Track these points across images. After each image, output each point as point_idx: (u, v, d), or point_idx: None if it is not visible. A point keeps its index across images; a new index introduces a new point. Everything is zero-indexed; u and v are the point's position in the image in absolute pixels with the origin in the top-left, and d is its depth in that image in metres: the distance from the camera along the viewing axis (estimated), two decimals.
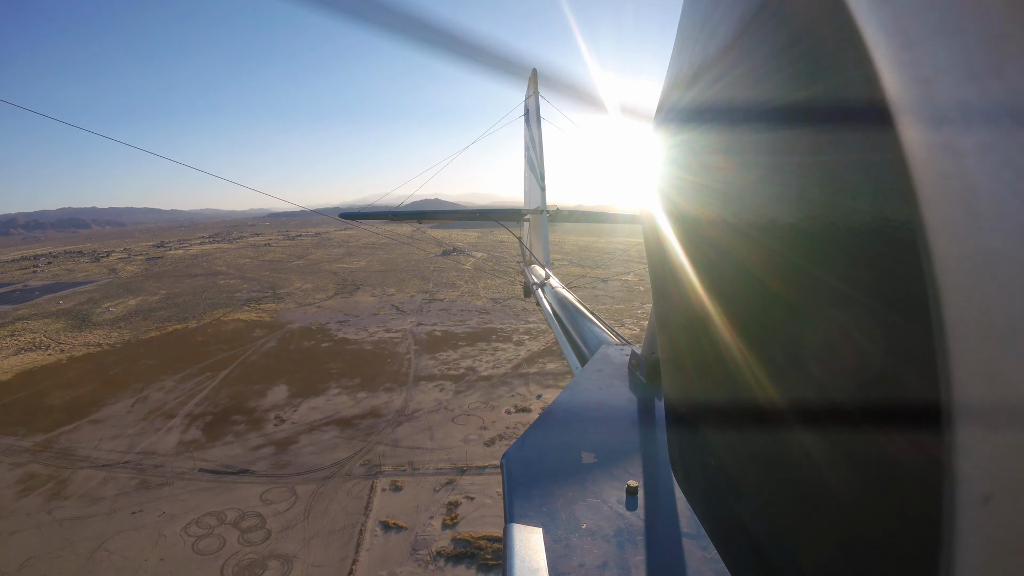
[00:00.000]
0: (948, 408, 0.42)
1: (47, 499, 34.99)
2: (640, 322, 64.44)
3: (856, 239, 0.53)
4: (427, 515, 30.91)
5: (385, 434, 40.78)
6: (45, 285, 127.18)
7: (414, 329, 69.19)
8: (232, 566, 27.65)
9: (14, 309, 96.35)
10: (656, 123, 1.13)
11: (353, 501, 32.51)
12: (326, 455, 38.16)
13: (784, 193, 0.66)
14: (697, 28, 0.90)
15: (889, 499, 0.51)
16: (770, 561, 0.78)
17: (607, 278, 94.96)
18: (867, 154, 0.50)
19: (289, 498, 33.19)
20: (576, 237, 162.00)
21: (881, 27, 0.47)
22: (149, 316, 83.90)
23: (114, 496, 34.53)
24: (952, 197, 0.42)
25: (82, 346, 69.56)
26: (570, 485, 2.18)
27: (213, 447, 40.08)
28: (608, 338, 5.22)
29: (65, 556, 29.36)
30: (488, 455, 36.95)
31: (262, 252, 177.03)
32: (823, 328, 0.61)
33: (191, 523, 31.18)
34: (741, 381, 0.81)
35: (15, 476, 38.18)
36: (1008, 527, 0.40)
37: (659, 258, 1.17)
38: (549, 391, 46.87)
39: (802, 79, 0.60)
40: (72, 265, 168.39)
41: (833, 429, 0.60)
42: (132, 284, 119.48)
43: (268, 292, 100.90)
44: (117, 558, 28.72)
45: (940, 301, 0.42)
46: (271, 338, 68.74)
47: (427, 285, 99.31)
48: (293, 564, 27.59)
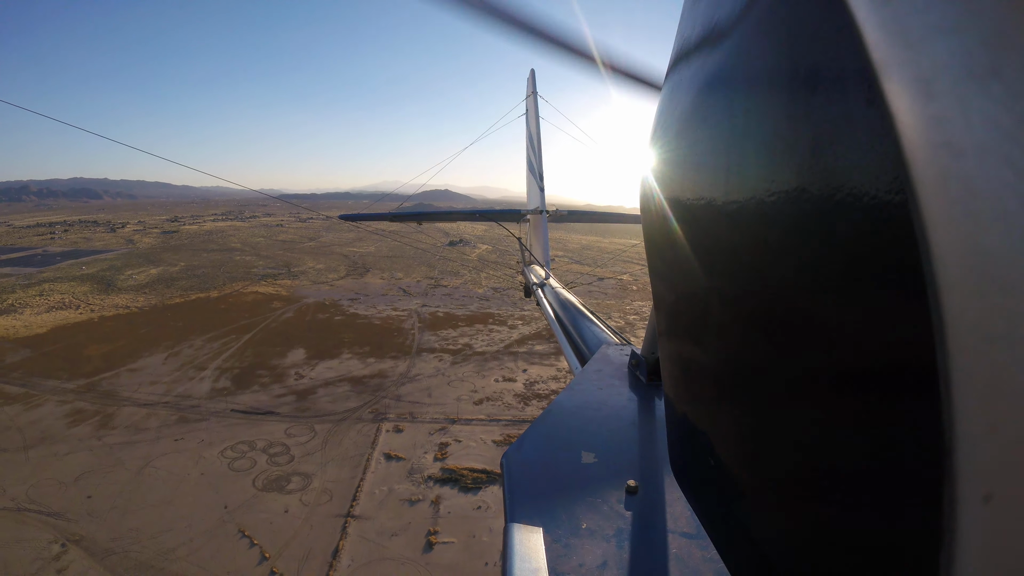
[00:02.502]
0: (948, 408, 0.41)
1: (95, 428, 39.28)
2: (627, 316, 69.51)
3: (856, 239, 0.52)
4: (422, 451, 36.36)
5: (390, 391, 46.16)
6: (65, 251, 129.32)
7: (419, 309, 73.60)
8: (262, 479, 32.96)
9: (38, 272, 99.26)
10: (655, 121, 1.14)
11: (362, 438, 37.90)
12: (340, 404, 43.54)
13: (784, 193, 0.65)
14: (697, 27, 0.91)
15: (889, 499, 0.51)
16: (770, 561, 0.78)
17: (603, 276, 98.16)
18: (867, 154, 0.49)
19: (309, 434, 38.42)
20: (580, 236, 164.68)
21: (881, 27, 0.47)
22: (172, 284, 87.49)
23: (157, 427, 39.24)
24: (952, 197, 0.41)
25: (111, 307, 73.11)
26: (570, 485, 2.18)
27: (242, 394, 45.19)
28: (608, 338, 5.34)
29: (116, 471, 33.69)
30: (476, 411, 42.46)
31: (275, 232, 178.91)
32: (823, 329, 0.60)
33: (226, 448, 36.33)
34: (741, 381, 0.82)
35: (63, 411, 42.33)
36: (1008, 527, 0.40)
37: (658, 258, 1.18)
38: (535, 367, 51.92)
39: (802, 79, 0.60)
40: (89, 234, 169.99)
41: (833, 429, 0.59)
42: (151, 255, 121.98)
43: (283, 269, 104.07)
44: (163, 472, 33.47)
45: (940, 301, 0.42)
46: (288, 309, 72.94)
47: (433, 272, 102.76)
48: (312, 480, 32.97)
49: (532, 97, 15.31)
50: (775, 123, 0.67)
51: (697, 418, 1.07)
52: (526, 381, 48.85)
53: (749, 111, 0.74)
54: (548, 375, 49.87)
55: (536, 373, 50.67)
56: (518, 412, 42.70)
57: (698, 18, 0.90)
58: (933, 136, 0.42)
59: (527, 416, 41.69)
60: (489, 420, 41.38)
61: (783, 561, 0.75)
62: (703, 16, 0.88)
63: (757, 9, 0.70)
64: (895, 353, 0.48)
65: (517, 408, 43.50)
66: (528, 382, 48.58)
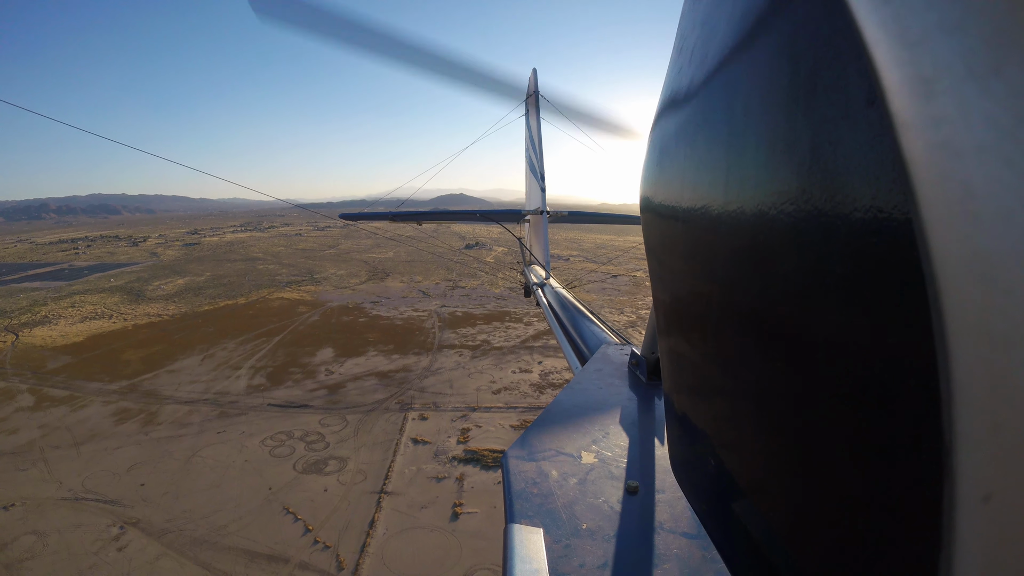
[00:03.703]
0: (948, 408, 0.41)
1: (141, 425, 42.05)
2: (639, 311, 71.82)
3: (856, 239, 0.52)
4: (446, 435, 39.20)
5: (415, 384, 49.22)
6: (91, 265, 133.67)
7: (439, 310, 76.70)
8: (302, 464, 35.85)
9: (68, 285, 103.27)
10: (655, 122, 1.13)
11: (390, 426, 40.82)
12: (368, 396, 46.61)
13: (784, 194, 0.64)
14: (697, 27, 0.90)
15: (889, 499, 0.50)
16: (770, 561, 0.77)
17: (617, 273, 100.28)
18: (867, 154, 0.49)
19: (342, 423, 41.36)
20: (594, 236, 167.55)
21: (881, 27, 0.47)
22: (199, 293, 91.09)
23: (200, 422, 42.08)
24: (952, 197, 0.41)
25: (143, 316, 76.56)
26: (570, 485, 2.16)
27: (276, 390, 48.25)
28: (608, 338, 5.32)
29: (165, 462, 36.50)
30: (495, 400, 45.40)
31: (294, 241, 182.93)
32: (823, 328, 0.59)
33: (266, 438, 39.21)
34: (741, 381, 0.81)
35: (109, 410, 45.10)
36: (1008, 527, 0.40)
37: (658, 258, 1.17)
38: (549, 359, 54.66)
39: (802, 79, 0.59)
40: (112, 248, 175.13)
41: (833, 429, 0.59)
42: (176, 266, 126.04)
43: (306, 276, 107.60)
44: (210, 461, 36.30)
45: (940, 301, 0.41)
46: (314, 313, 76.25)
47: (451, 275, 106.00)
48: (347, 463, 35.87)
49: (533, 97, 15.13)
50: (775, 123, 0.66)
51: (697, 418, 1.06)
52: (541, 372, 51.56)
53: (748, 111, 0.73)
54: (563, 366, 52.11)
55: (551, 364, 53.28)
56: (534, 400, 45.41)
57: (698, 19, 0.91)
58: (933, 136, 0.42)
59: (542, 403, 44.15)
60: (507, 408, 44.09)
61: (783, 561, 0.74)
62: (703, 17, 0.89)
63: (757, 10, 0.70)
64: (895, 353, 0.48)
65: (533, 396, 46.20)
66: (543, 373, 51.26)
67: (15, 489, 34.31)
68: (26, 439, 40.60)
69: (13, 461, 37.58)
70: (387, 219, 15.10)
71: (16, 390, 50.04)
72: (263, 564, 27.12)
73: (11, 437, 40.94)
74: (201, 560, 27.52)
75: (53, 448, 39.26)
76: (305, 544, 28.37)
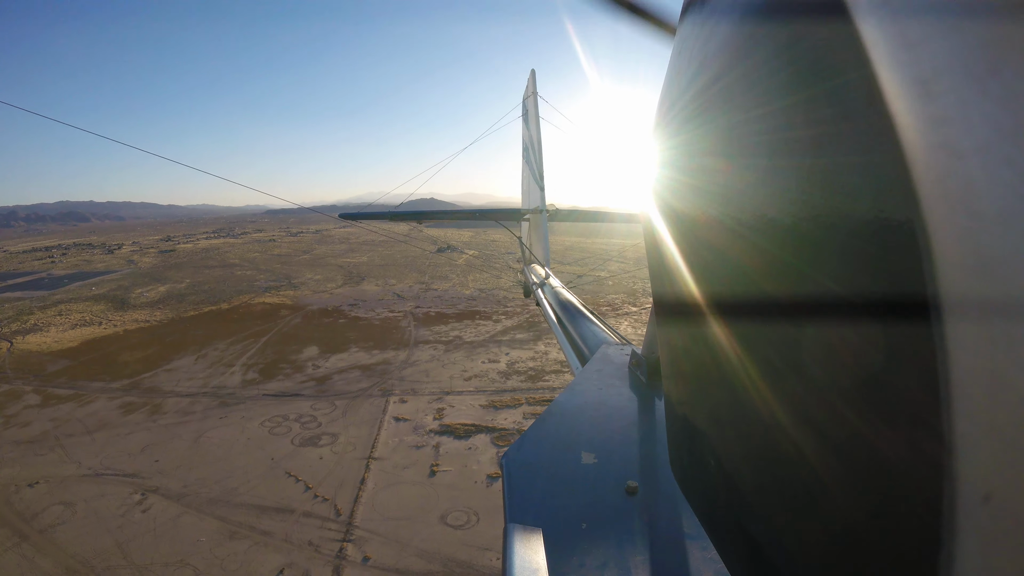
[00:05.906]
0: (948, 408, 0.41)
1: (148, 414, 45.68)
2: (599, 307, 76.65)
3: (856, 239, 0.52)
4: (423, 414, 45.07)
5: (394, 374, 54.69)
6: (70, 274, 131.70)
7: (413, 310, 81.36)
8: (299, 439, 41.11)
9: (50, 294, 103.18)
10: (655, 122, 1.12)
11: (374, 408, 46.42)
12: (353, 385, 51.93)
13: (784, 194, 0.64)
14: (696, 27, 0.90)
15: (889, 499, 0.50)
16: (770, 561, 0.77)
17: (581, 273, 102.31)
18: (867, 155, 0.49)
19: (331, 407, 46.62)
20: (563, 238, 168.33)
21: (881, 27, 0.46)
22: (183, 300, 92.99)
23: (202, 411, 46.32)
24: (952, 197, 0.41)
25: (132, 322, 78.24)
26: (570, 485, 2.16)
27: (269, 383, 52.80)
28: (608, 338, 5.30)
29: (174, 443, 40.66)
30: (466, 385, 51.43)
31: (268, 247, 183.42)
32: (823, 328, 0.59)
33: (265, 420, 44.07)
34: (740, 381, 0.80)
35: (115, 404, 48.30)
36: (1008, 527, 0.39)
37: (658, 258, 1.15)
38: (515, 351, 60.80)
39: (802, 79, 0.59)
40: (88, 256, 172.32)
41: (833, 429, 0.58)
42: (155, 273, 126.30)
43: (284, 281, 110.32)
44: (216, 440, 40.90)
45: (940, 301, 0.41)
46: (296, 316, 79.99)
47: (423, 277, 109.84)
48: (338, 437, 41.34)
49: (532, 98, 14.92)
50: (775, 124, 0.66)
51: (697, 419, 1.06)
52: (508, 362, 57.71)
53: (749, 112, 0.73)
54: (527, 356, 58.85)
55: (516, 355, 59.49)
56: (501, 384, 51.58)
57: (697, 20, 0.90)
58: (933, 137, 0.42)
59: (508, 387, 50.65)
60: (477, 391, 50.08)
61: (783, 561, 0.74)
62: (702, 18, 0.88)
63: (756, 11, 0.70)
64: (895, 353, 0.48)
65: (500, 382, 52.35)
66: (510, 362, 57.41)
67: (37, 470, 37.35)
68: (39, 430, 43.19)
69: (31, 448, 40.40)
70: (388, 218, 14.81)
71: (21, 391, 52.22)
72: (272, 515, 32.45)
73: (24, 429, 43.51)
74: (218, 515, 32.47)
75: (67, 436, 42.34)
76: (307, 499, 33.92)
